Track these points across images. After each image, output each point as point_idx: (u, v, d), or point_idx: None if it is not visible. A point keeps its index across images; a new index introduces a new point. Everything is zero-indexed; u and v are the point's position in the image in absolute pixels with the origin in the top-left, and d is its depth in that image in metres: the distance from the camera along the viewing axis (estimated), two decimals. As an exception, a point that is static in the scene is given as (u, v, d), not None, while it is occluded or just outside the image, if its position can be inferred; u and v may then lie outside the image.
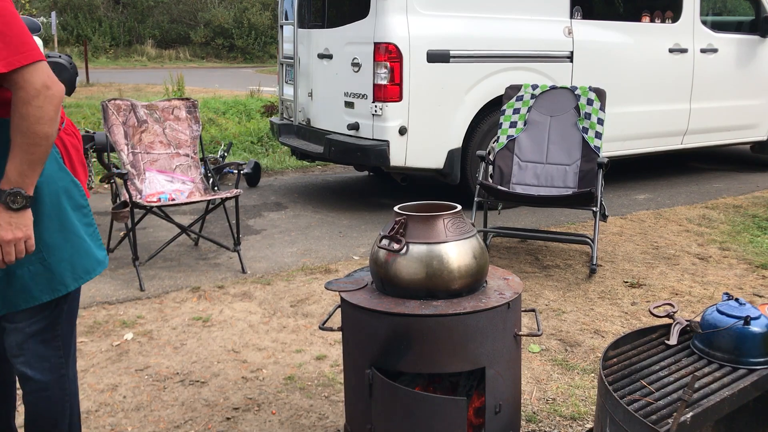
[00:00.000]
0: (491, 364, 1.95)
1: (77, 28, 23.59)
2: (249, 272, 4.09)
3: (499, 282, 2.11)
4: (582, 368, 2.90)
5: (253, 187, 6.35)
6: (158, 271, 4.09)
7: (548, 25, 5.45)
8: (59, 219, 1.82)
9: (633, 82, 5.83)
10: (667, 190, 6.21)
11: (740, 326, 1.77)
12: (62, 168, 1.82)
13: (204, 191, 4.35)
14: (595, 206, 4.05)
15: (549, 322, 3.37)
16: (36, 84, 1.61)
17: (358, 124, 5.12)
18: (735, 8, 8.12)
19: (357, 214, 5.40)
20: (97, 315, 3.45)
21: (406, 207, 2.08)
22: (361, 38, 5.05)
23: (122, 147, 4.21)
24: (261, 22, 25.12)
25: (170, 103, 4.44)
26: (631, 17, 6.11)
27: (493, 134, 5.15)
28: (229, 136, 8.08)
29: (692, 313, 3.44)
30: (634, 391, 1.72)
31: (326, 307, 3.55)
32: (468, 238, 1.98)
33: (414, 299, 1.95)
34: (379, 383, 1.94)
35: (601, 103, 4.40)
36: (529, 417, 2.53)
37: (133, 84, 14.13)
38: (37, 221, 1.76)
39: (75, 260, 1.85)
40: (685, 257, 4.34)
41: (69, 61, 4.93)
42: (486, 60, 5.19)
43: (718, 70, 6.33)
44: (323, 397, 2.69)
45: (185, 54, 24.60)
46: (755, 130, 6.78)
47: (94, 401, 2.66)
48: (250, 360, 2.99)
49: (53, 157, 1.81)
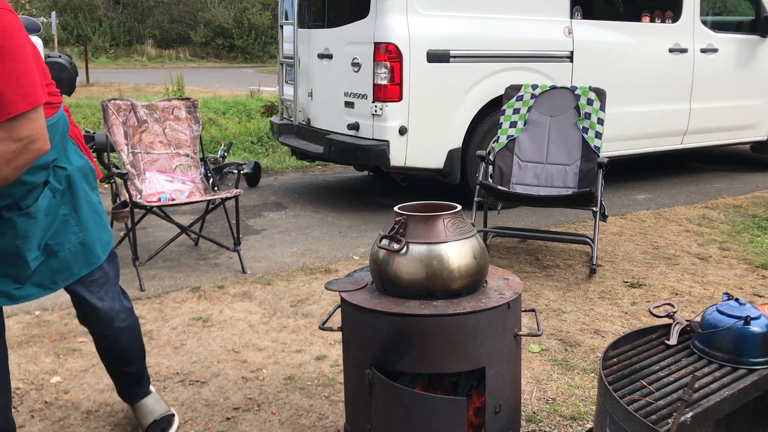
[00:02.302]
0: (491, 364, 1.95)
1: (77, 28, 23.60)
2: (249, 272, 4.09)
3: (499, 282, 2.11)
4: (582, 368, 2.90)
5: (253, 187, 6.35)
6: (158, 271, 4.09)
7: (548, 25, 5.45)
8: (87, 201, 2.05)
9: (633, 82, 5.83)
10: (667, 190, 6.21)
11: (740, 326, 1.77)
12: (82, 156, 2.06)
13: (204, 191, 4.35)
14: (595, 206, 4.05)
15: (549, 322, 3.37)
16: (23, 132, 1.71)
17: (358, 124, 5.12)
18: (735, 8, 8.12)
19: (357, 214, 5.40)
20: (97, 315, 3.45)
21: (406, 207, 2.08)
22: (361, 38, 5.05)
23: (122, 147, 4.21)
24: (261, 22, 25.13)
25: (170, 103, 4.44)
26: (631, 17, 6.11)
27: (493, 134, 5.15)
28: (229, 136, 8.08)
29: (692, 313, 3.44)
30: (634, 391, 1.71)
31: (326, 307, 3.55)
32: (468, 238, 1.98)
33: (414, 299, 1.95)
34: (379, 383, 1.94)
35: (601, 103, 4.40)
36: (529, 417, 2.53)
37: (133, 84, 14.13)
38: (76, 205, 2.01)
39: (101, 235, 2.11)
40: (685, 257, 4.34)
41: (69, 61, 4.94)
42: (486, 60, 5.19)
43: (718, 70, 6.34)
44: (323, 397, 2.69)
45: (185, 54, 24.61)
46: (755, 130, 6.78)
47: (94, 401, 2.66)
48: (250, 360, 2.99)
49: (73, 148, 2.03)
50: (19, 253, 1.92)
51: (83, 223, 2.04)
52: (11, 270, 1.95)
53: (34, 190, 1.91)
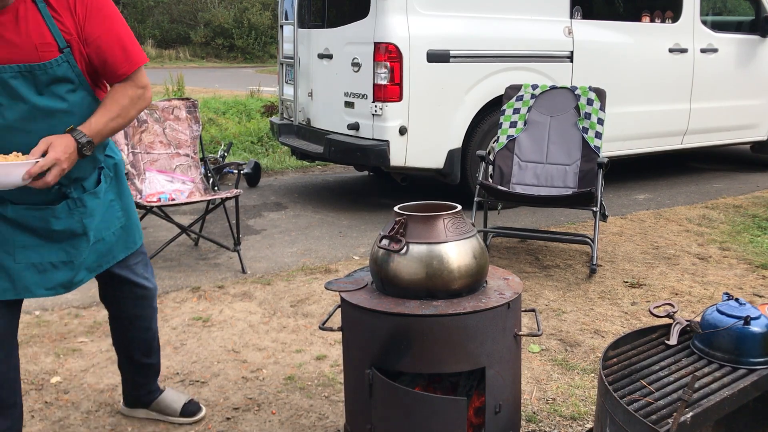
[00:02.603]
0: (491, 364, 1.95)
1: (77, 28, 23.56)
2: (249, 272, 4.09)
3: (499, 282, 2.11)
4: (582, 368, 2.90)
5: (253, 187, 6.35)
6: (158, 271, 4.08)
7: (548, 25, 5.45)
8: (126, 188, 2.24)
9: (633, 82, 5.83)
10: (667, 190, 6.21)
11: (740, 326, 1.77)
12: (116, 150, 2.26)
13: (204, 191, 4.35)
14: (595, 206, 4.05)
15: (549, 322, 3.37)
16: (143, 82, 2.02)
17: (358, 124, 5.12)
18: (735, 8, 8.12)
19: (357, 214, 5.40)
20: (97, 315, 3.45)
21: (406, 207, 2.08)
22: (361, 38, 5.05)
23: (122, 147, 4.21)
24: (261, 22, 25.12)
25: (170, 103, 4.44)
26: (631, 17, 6.11)
27: (493, 134, 5.15)
28: (229, 136, 8.08)
29: (692, 313, 3.44)
30: (634, 391, 1.71)
31: (326, 307, 3.55)
32: (468, 238, 1.98)
33: (414, 299, 1.95)
34: (379, 383, 1.95)
35: (601, 103, 4.40)
36: (529, 417, 2.53)
37: (133, 84, 14.10)
38: (120, 191, 2.20)
39: (136, 220, 2.28)
40: (685, 257, 4.34)
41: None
42: (486, 60, 5.19)
43: (718, 70, 6.33)
44: (323, 397, 2.69)
45: (185, 54, 24.60)
46: (755, 130, 6.78)
47: (94, 401, 2.66)
48: (250, 360, 2.99)
49: (111, 142, 2.22)
50: (85, 233, 2.06)
51: (126, 209, 2.22)
52: (72, 253, 2.06)
53: (95, 171, 2.11)
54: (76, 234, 2.04)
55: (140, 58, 1.99)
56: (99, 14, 1.91)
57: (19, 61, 1.83)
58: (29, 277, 2.01)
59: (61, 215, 2.01)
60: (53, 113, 1.90)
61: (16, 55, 1.83)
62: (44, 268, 2.03)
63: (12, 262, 1.99)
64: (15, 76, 1.83)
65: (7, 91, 1.84)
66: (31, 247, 2.00)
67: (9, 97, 1.85)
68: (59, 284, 2.07)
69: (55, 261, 2.04)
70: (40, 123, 1.89)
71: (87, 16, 1.89)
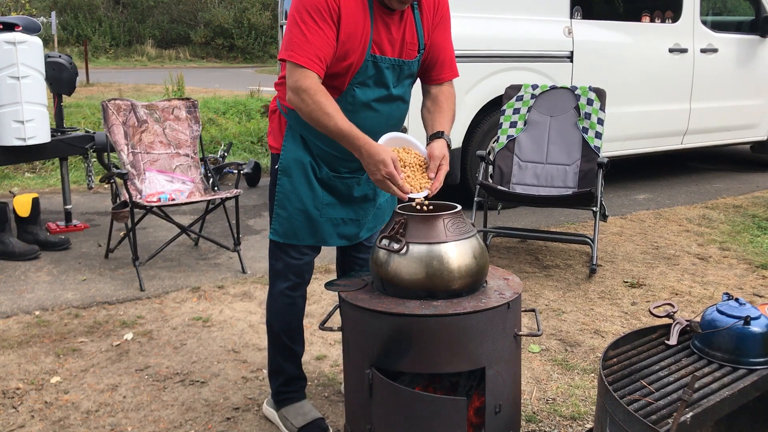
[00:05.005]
0: (491, 364, 1.95)
1: (77, 28, 23.58)
2: (249, 272, 4.09)
3: (499, 282, 2.11)
4: (582, 368, 2.90)
5: (253, 187, 6.35)
6: (158, 271, 4.09)
7: (548, 25, 5.45)
8: None
9: (633, 82, 5.83)
10: (667, 190, 6.21)
11: (740, 326, 1.77)
12: None
13: (204, 191, 4.35)
14: (595, 206, 4.05)
15: (549, 322, 3.37)
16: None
17: (358, 124, 5.10)
18: (735, 8, 8.12)
19: (357, 214, 5.39)
20: (97, 315, 3.45)
21: (406, 207, 2.08)
22: (361, 38, 5.04)
23: (122, 147, 4.21)
24: (261, 22, 25.11)
25: (170, 103, 4.44)
26: (631, 17, 6.11)
27: (493, 134, 5.15)
28: (229, 136, 8.08)
29: (692, 313, 3.44)
30: (634, 391, 1.71)
31: (326, 307, 3.55)
32: (468, 238, 1.98)
33: (414, 299, 1.95)
34: (379, 383, 1.94)
35: (601, 103, 4.40)
36: (529, 417, 2.53)
37: (133, 84, 14.12)
38: None
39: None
40: (685, 257, 4.34)
41: (69, 61, 4.94)
42: (486, 60, 5.19)
43: (718, 70, 6.33)
44: (323, 397, 2.69)
45: (185, 54, 24.59)
46: (755, 130, 6.78)
47: (94, 401, 2.66)
48: (250, 360, 2.99)
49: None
50: (374, 198, 2.39)
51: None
52: (360, 213, 2.37)
53: None
54: (368, 199, 2.37)
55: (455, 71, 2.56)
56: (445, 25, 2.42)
57: (393, 56, 2.21)
58: (327, 230, 2.33)
59: (362, 183, 2.34)
60: (396, 99, 2.32)
61: (394, 52, 2.22)
62: (337, 222, 2.35)
63: (318, 216, 2.30)
64: (389, 68, 2.22)
65: (381, 78, 2.21)
66: (332, 206, 2.32)
67: (376, 84, 2.21)
68: (346, 236, 2.38)
69: (346, 218, 2.36)
70: (390, 106, 2.32)
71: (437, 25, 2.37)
